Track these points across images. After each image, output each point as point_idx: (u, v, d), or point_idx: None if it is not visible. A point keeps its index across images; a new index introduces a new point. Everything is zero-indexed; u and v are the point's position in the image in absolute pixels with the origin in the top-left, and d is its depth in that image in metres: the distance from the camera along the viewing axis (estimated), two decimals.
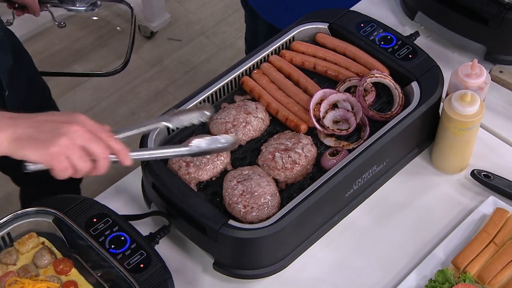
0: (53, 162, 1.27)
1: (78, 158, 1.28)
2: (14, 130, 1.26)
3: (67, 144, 1.26)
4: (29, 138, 1.26)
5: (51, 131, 1.27)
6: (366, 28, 1.77)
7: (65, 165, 1.28)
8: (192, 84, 3.37)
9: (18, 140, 1.26)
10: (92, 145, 1.29)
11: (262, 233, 1.44)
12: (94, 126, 1.32)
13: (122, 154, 1.34)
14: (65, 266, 1.45)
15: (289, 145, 1.57)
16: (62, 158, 1.27)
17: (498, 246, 1.54)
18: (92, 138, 1.30)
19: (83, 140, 1.28)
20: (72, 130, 1.28)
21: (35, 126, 1.28)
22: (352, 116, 1.63)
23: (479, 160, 1.71)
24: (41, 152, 1.26)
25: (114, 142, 1.33)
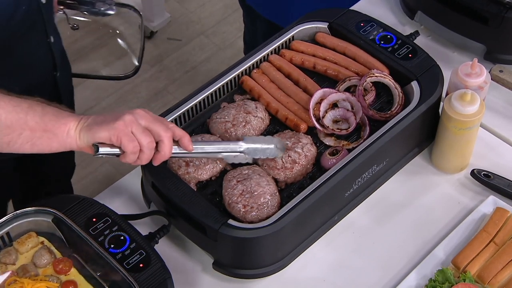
0: (119, 135, 1.34)
1: (141, 133, 1.36)
2: (85, 120, 1.38)
3: (131, 119, 1.36)
4: (97, 122, 1.37)
5: (117, 115, 1.37)
6: (366, 28, 1.77)
7: (132, 137, 1.35)
8: (192, 83, 3.37)
9: (88, 125, 1.36)
10: (155, 125, 1.38)
11: (261, 232, 1.44)
12: (155, 115, 1.41)
13: (185, 139, 1.41)
14: (64, 265, 1.45)
15: (288, 144, 1.57)
16: (127, 130, 1.35)
17: (498, 246, 1.54)
18: (155, 120, 1.39)
19: (146, 120, 1.38)
20: (136, 111, 1.38)
21: (103, 115, 1.38)
22: (352, 116, 1.62)
23: (479, 159, 1.71)
24: (108, 127, 1.34)
25: (177, 128, 1.41)
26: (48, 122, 1.34)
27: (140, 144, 1.36)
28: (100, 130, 1.35)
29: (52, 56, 1.73)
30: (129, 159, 1.37)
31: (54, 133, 1.35)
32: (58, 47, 1.78)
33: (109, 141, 1.35)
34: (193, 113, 1.66)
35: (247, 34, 2.53)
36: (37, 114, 1.34)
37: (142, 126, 1.36)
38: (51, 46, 1.71)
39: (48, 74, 1.76)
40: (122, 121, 1.35)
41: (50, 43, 1.70)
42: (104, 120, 1.36)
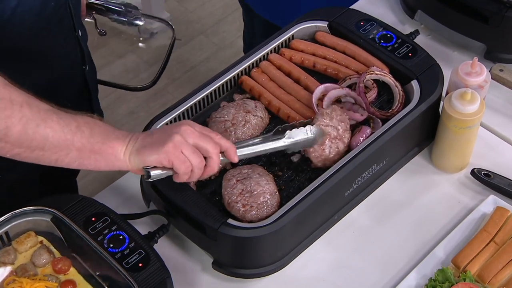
0: (171, 158, 1.36)
1: (192, 153, 1.38)
2: (134, 144, 1.38)
3: (180, 140, 1.37)
4: (146, 146, 1.38)
5: (164, 135, 1.38)
6: (366, 27, 1.77)
7: (183, 158, 1.37)
8: (191, 83, 3.37)
9: (138, 149, 1.38)
10: (203, 141, 1.39)
11: (261, 232, 1.44)
12: (202, 127, 1.42)
13: (231, 151, 1.43)
14: (63, 265, 1.44)
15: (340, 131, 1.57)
16: (177, 152, 1.36)
17: (499, 245, 1.53)
18: (202, 136, 1.40)
19: (194, 137, 1.38)
20: (183, 129, 1.38)
21: (150, 135, 1.40)
22: (359, 108, 1.62)
23: (479, 159, 1.71)
24: (158, 151, 1.36)
25: (224, 140, 1.43)
26: (95, 144, 1.35)
27: (191, 165, 1.38)
28: (150, 154, 1.36)
29: (81, 50, 1.75)
30: (181, 178, 1.40)
31: (101, 155, 1.37)
32: (86, 42, 1.79)
33: (161, 164, 1.38)
34: (193, 112, 1.66)
35: (246, 33, 2.53)
36: (84, 136, 1.34)
37: (192, 146, 1.38)
38: (80, 40, 1.72)
39: (78, 68, 1.77)
40: (171, 143, 1.36)
41: (78, 37, 1.71)
42: (153, 143, 1.37)
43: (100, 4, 1.96)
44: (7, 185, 1.72)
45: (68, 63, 1.72)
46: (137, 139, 1.39)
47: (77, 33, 1.70)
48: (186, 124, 1.40)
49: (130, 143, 1.39)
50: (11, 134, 1.29)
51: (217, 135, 1.43)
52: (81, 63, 1.77)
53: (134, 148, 1.38)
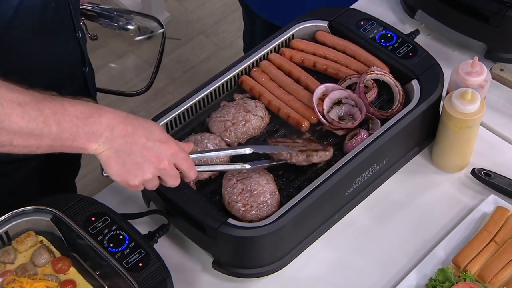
0: (130, 188, 1.38)
1: (151, 187, 1.39)
2: (109, 147, 1.32)
3: (149, 179, 1.36)
4: (118, 162, 1.34)
5: (141, 164, 1.35)
6: (366, 26, 1.76)
7: (139, 189, 1.39)
8: (191, 83, 3.37)
9: (108, 158, 1.33)
10: (168, 179, 1.39)
11: (261, 231, 1.43)
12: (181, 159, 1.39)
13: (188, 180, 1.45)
14: (63, 265, 1.44)
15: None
16: (139, 187, 1.38)
17: (499, 245, 1.53)
18: (173, 175, 1.39)
19: (164, 175, 1.38)
20: (160, 167, 1.36)
21: (128, 151, 1.33)
22: (358, 111, 1.62)
23: (479, 158, 1.71)
24: (123, 180, 1.36)
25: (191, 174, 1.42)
26: (65, 141, 1.30)
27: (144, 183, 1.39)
28: (115, 175, 1.36)
29: (81, 51, 1.74)
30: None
31: (71, 149, 1.33)
32: (85, 43, 1.79)
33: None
34: (193, 112, 1.66)
35: (246, 33, 2.53)
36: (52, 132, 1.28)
37: (157, 182, 1.39)
38: (80, 41, 1.72)
39: (77, 70, 1.76)
40: (138, 180, 1.35)
41: (79, 38, 1.71)
42: (124, 165, 1.34)
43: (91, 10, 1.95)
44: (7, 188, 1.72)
45: (69, 65, 1.72)
46: (111, 144, 1.32)
47: (77, 34, 1.70)
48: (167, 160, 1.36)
49: (104, 144, 1.32)
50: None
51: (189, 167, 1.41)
52: (81, 64, 1.77)
53: (107, 152, 1.33)
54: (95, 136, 1.31)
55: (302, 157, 1.53)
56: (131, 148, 1.33)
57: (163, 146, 1.36)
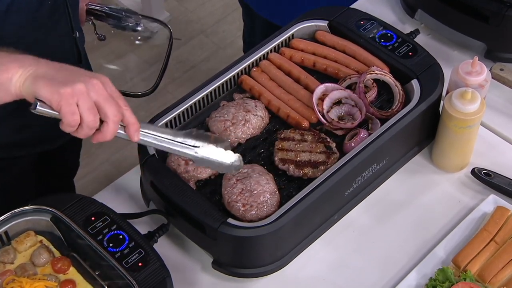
0: (61, 102, 1.23)
1: (87, 109, 1.25)
2: (36, 69, 1.25)
3: (81, 89, 1.24)
4: (45, 77, 1.24)
5: (70, 76, 1.25)
6: (366, 26, 1.76)
7: (73, 109, 1.23)
8: (191, 82, 3.37)
9: (35, 77, 1.24)
10: (106, 103, 1.26)
11: (261, 231, 1.43)
12: (114, 90, 1.29)
13: (132, 128, 1.31)
14: (63, 264, 1.44)
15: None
16: (72, 101, 1.23)
17: (499, 245, 1.53)
18: (108, 98, 1.27)
19: (98, 95, 1.26)
20: (91, 82, 1.25)
21: (57, 69, 1.26)
22: (357, 111, 1.62)
23: (479, 158, 1.71)
24: (52, 89, 1.23)
25: (130, 113, 1.31)
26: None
27: (81, 119, 1.25)
28: (44, 88, 1.23)
29: (78, 51, 1.73)
30: (65, 129, 1.27)
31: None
32: (83, 43, 1.78)
33: (50, 103, 1.24)
34: (192, 111, 1.65)
35: (246, 32, 2.53)
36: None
37: (91, 101, 1.25)
38: (76, 41, 1.71)
39: None
40: (70, 88, 1.22)
41: (76, 38, 1.70)
42: (53, 78, 1.24)
43: (99, 10, 1.95)
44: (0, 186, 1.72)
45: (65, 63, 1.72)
46: (40, 65, 1.26)
47: (74, 35, 1.70)
48: (98, 79, 1.27)
49: (30, 67, 1.26)
50: None
51: (126, 106, 1.31)
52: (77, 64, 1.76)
53: (33, 73, 1.25)
54: (19, 63, 1.26)
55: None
56: (60, 68, 1.27)
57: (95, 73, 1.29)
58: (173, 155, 1.55)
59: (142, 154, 1.54)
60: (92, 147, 3.14)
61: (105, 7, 1.96)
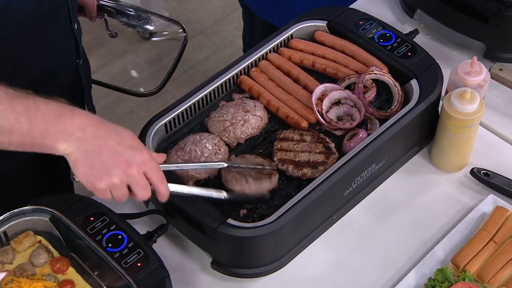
0: (96, 193, 1.33)
1: (119, 196, 1.34)
2: (79, 147, 1.30)
3: (116, 184, 1.31)
4: (86, 164, 1.30)
5: (109, 167, 1.31)
6: (365, 26, 1.76)
7: (106, 196, 1.33)
8: (191, 82, 3.37)
9: (76, 159, 1.30)
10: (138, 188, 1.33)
11: (260, 231, 1.43)
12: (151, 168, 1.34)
13: (161, 196, 1.38)
14: (62, 265, 1.44)
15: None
16: (106, 193, 1.33)
17: (498, 245, 1.53)
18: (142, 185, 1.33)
19: (132, 183, 1.33)
20: (128, 173, 1.31)
21: (98, 153, 1.30)
22: (356, 112, 1.62)
23: (478, 158, 1.71)
24: (89, 181, 1.31)
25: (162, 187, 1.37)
26: (35, 139, 1.29)
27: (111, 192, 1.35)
28: (82, 176, 1.31)
29: (76, 43, 1.74)
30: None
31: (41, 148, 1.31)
32: (80, 35, 1.78)
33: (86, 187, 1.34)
34: (192, 112, 1.65)
35: (246, 32, 2.53)
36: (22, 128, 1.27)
37: (125, 187, 1.33)
38: (75, 33, 1.72)
39: (71, 61, 1.76)
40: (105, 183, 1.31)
41: (74, 30, 1.70)
42: (92, 167, 1.30)
43: (111, 6, 1.95)
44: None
45: (62, 56, 1.72)
46: (80, 144, 1.30)
47: (72, 26, 1.70)
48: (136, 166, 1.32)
49: (74, 143, 1.30)
50: None
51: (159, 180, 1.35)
52: (75, 56, 1.76)
53: (77, 152, 1.30)
54: (65, 135, 1.29)
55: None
56: (101, 151, 1.31)
57: (134, 152, 1.33)
58: (172, 155, 1.56)
59: None
60: None
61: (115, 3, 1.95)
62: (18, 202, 1.49)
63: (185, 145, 1.57)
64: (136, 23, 1.98)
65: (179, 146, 1.58)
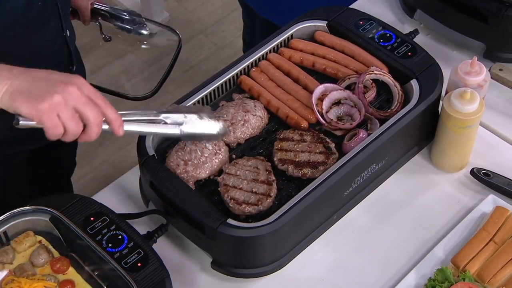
0: (43, 118, 1.24)
1: (68, 118, 1.26)
2: (11, 83, 1.26)
3: (59, 102, 1.25)
4: (22, 92, 1.25)
5: (46, 88, 1.25)
6: (365, 26, 1.76)
7: (56, 122, 1.25)
8: (191, 83, 3.37)
9: (12, 93, 1.25)
10: (85, 108, 1.27)
11: (260, 231, 1.43)
12: (92, 91, 1.29)
13: (115, 124, 1.33)
14: (62, 265, 1.44)
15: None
16: (52, 115, 1.25)
17: (498, 245, 1.53)
18: (87, 102, 1.28)
19: (77, 102, 1.26)
20: (68, 90, 1.26)
21: (31, 81, 1.26)
22: (356, 112, 1.62)
23: (478, 158, 1.71)
24: (31, 106, 1.24)
25: (110, 110, 1.31)
26: None
27: (64, 127, 1.27)
28: (22, 105, 1.24)
29: (68, 50, 1.73)
30: (51, 138, 1.29)
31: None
32: (73, 42, 1.78)
33: (31, 118, 1.25)
34: None
35: (246, 32, 2.53)
36: None
37: (71, 110, 1.26)
38: (67, 40, 1.71)
39: (64, 69, 1.75)
40: (48, 103, 1.24)
41: (66, 37, 1.70)
42: (30, 93, 1.25)
43: (105, 10, 1.95)
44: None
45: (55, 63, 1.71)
46: (14, 76, 1.27)
47: (65, 33, 1.70)
48: (74, 84, 1.27)
49: (5, 81, 1.26)
50: None
51: (106, 103, 1.31)
52: (68, 63, 1.76)
53: (9, 88, 1.26)
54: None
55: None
56: (34, 80, 1.27)
57: (69, 76, 1.29)
58: (172, 155, 1.56)
59: (141, 154, 1.54)
60: (91, 147, 3.14)
61: (110, 7, 1.95)
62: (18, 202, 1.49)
63: (185, 145, 1.57)
64: (131, 27, 1.98)
65: (179, 146, 1.58)
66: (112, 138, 3.18)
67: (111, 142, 3.19)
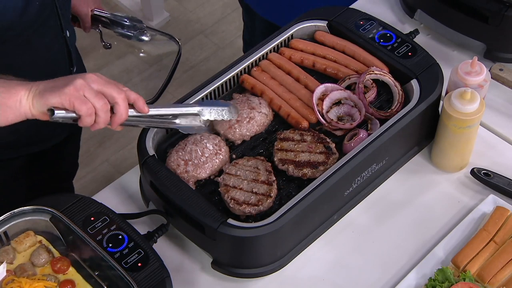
0: (71, 100, 1.32)
1: (94, 96, 1.34)
2: (37, 87, 1.35)
3: (82, 83, 1.33)
4: (48, 89, 1.34)
5: (67, 80, 1.35)
6: (366, 26, 1.76)
7: (84, 100, 1.33)
8: (191, 83, 3.37)
9: (40, 92, 1.34)
10: (108, 87, 1.36)
11: (260, 231, 1.43)
12: (109, 79, 1.38)
13: (140, 102, 1.40)
14: (62, 265, 1.44)
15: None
16: (78, 94, 1.33)
17: (498, 245, 1.53)
18: (108, 83, 1.36)
19: (98, 83, 1.35)
20: (88, 76, 1.35)
21: (53, 81, 1.36)
22: (357, 112, 1.62)
23: (479, 158, 1.71)
24: (59, 93, 1.32)
25: (130, 91, 1.39)
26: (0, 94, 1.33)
27: (94, 107, 1.34)
28: (51, 96, 1.33)
29: (68, 50, 1.74)
30: (86, 122, 1.36)
31: (7, 105, 1.34)
32: (74, 42, 1.78)
33: (62, 106, 1.33)
34: None
35: (246, 32, 2.53)
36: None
37: (95, 90, 1.34)
38: (67, 40, 1.71)
39: (65, 69, 1.76)
40: (72, 86, 1.33)
41: (66, 37, 1.70)
42: (54, 86, 1.34)
43: (105, 17, 1.95)
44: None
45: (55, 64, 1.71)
46: (40, 84, 1.36)
47: (64, 34, 1.70)
48: (92, 73, 1.38)
49: (33, 88, 1.35)
50: None
51: (124, 87, 1.39)
52: (68, 64, 1.76)
53: (37, 91, 1.35)
54: (26, 83, 1.36)
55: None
56: (54, 80, 1.37)
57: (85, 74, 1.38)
58: (173, 155, 1.56)
59: (141, 154, 1.54)
60: (91, 147, 3.14)
61: (110, 14, 1.95)
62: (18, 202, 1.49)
63: (185, 145, 1.57)
64: (131, 33, 1.98)
65: (180, 146, 1.58)
66: (113, 138, 3.18)
67: (112, 142, 3.19)
